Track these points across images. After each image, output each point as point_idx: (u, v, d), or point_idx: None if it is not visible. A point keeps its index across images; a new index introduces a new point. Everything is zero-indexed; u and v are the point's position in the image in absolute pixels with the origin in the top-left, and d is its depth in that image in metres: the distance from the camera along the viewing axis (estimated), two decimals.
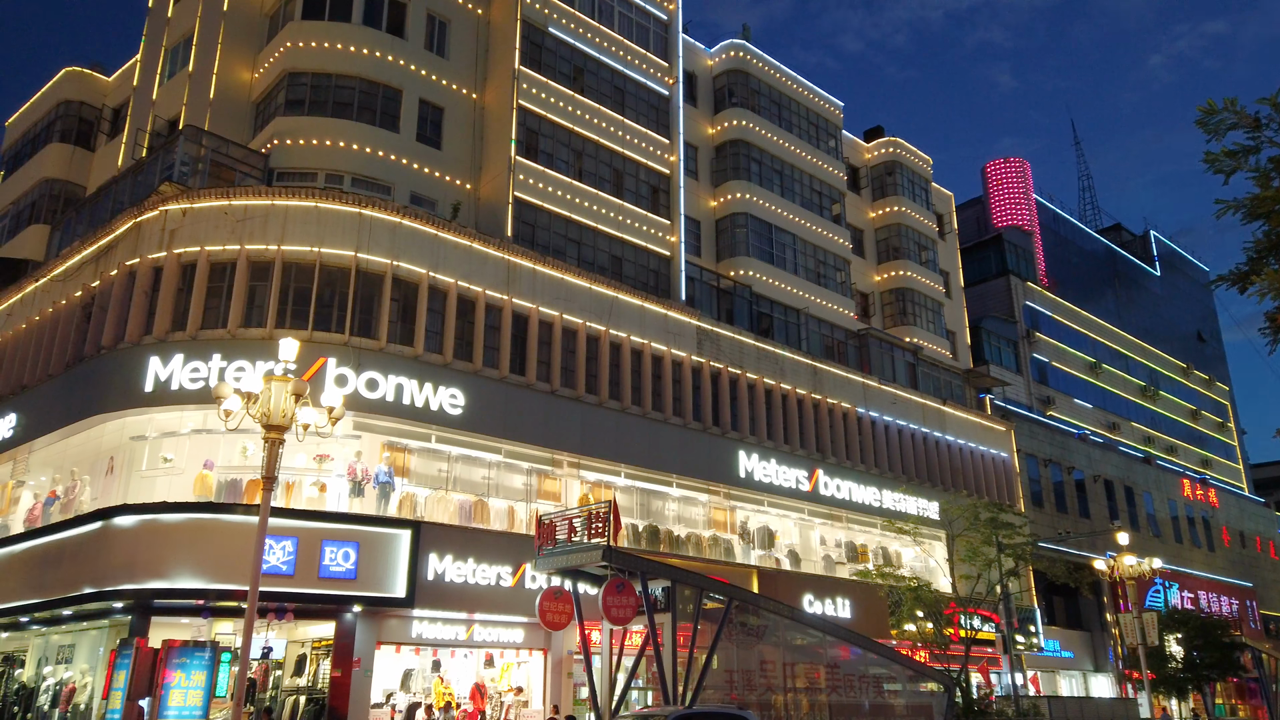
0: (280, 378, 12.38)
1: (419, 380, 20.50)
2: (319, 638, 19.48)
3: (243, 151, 23.35)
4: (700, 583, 17.21)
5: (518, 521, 21.84)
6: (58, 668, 21.03)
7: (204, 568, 17.42)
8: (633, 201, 28.29)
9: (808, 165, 35.26)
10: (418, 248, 21.39)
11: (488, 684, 20.59)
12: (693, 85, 33.39)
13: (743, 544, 26.79)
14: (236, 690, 11.53)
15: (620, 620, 16.12)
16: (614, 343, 24.88)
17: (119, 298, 20.24)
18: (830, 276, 34.87)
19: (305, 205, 20.56)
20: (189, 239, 20.20)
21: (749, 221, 32.44)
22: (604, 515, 16.29)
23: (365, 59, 24.65)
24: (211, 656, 16.18)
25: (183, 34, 27.60)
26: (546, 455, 23.00)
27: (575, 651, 20.96)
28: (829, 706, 18.15)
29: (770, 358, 29.23)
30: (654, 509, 25.30)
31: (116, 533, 17.82)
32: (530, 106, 26.22)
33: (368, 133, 24.20)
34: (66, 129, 31.71)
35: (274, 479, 12.33)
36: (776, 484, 27.98)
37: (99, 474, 20.44)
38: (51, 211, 30.32)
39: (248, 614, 11.73)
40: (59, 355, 21.64)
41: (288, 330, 19.11)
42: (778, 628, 18.69)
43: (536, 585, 20.43)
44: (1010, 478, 36.89)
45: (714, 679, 17.07)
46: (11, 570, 20.03)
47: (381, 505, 19.60)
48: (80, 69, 32.56)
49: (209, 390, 18.17)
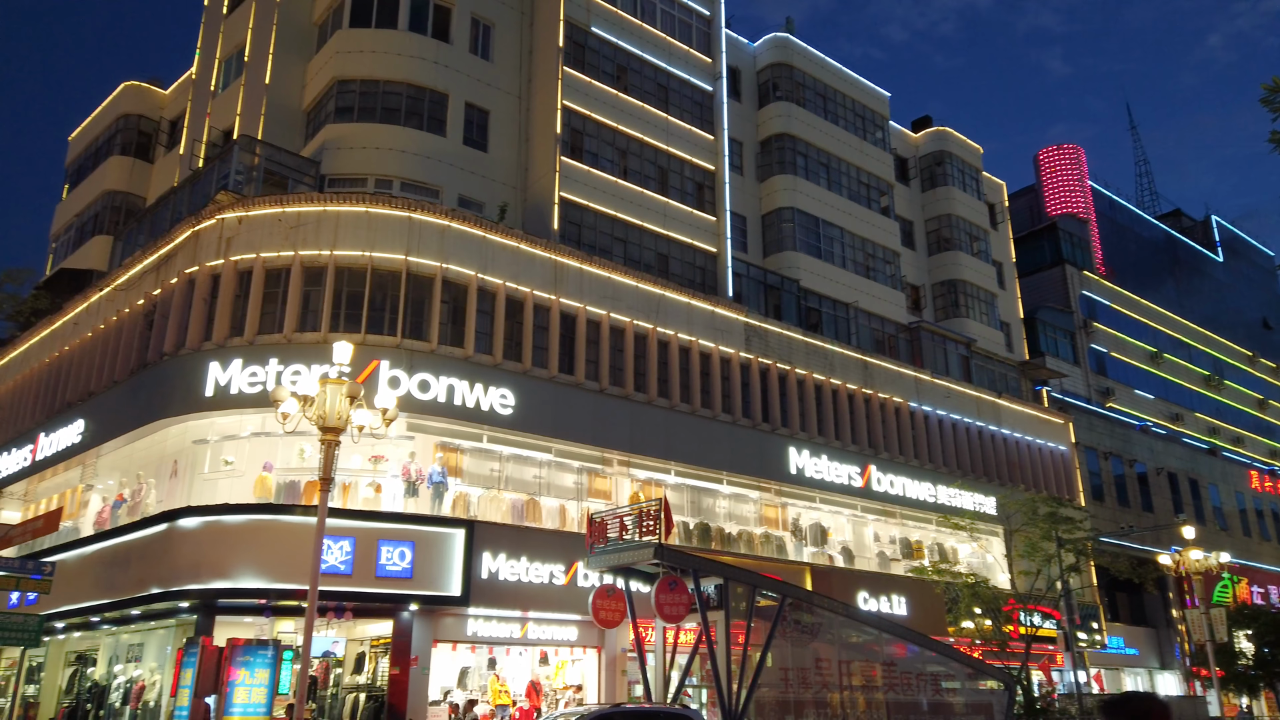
0: (335, 380, 12.61)
1: (470, 381, 20.72)
2: (377, 636, 19.79)
3: (295, 159, 23.82)
4: (753, 580, 17.14)
5: (569, 520, 21.96)
6: (128, 666, 21.66)
7: (265, 568, 17.80)
8: (678, 199, 28.27)
9: (855, 157, 34.87)
10: (466, 250, 21.61)
11: (543, 681, 20.74)
12: (736, 80, 33.23)
13: (795, 541, 26.62)
14: (299, 688, 11.77)
15: (673, 618, 16.12)
16: (661, 340, 24.88)
17: (179, 305, 20.78)
18: (880, 269, 34.45)
19: (356, 210, 20.90)
20: (245, 246, 20.66)
21: (796, 216, 32.19)
22: (655, 513, 16.30)
23: (412, 65, 24.97)
24: (274, 655, 16.52)
25: (236, 46, 28.26)
26: (596, 454, 23.09)
27: (629, 649, 21.01)
28: (886, 704, 17.94)
29: (819, 353, 28.98)
30: (705, 506, 25.25)
31: (181, 534, 18.30)
32: (574, 106, 26.34)
33: (415, 137, 24.52)
34: (126, 142, 32.65)
35: (331, 480, 12.56)
36: (828, 480, 27.74)
37: (163, 477, 21.00)
38: (114, 223, 31.25)
39: (308, 613, 11.97)
40: (123, 362, 22.27)
41: (341, 334, 19.45)
42: (832, 625, 18.53)
43: (589, 583, 20.53)
44: (1069, 471, 36.10)
45: (768, 676, 16.97)
46: (83, 571, 20.68)
47: (435, 505, 19.85)
48: (138, 83, 33.51)
49: (267, 394, 18.57)
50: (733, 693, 15.77)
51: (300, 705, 11.68)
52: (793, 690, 17.50)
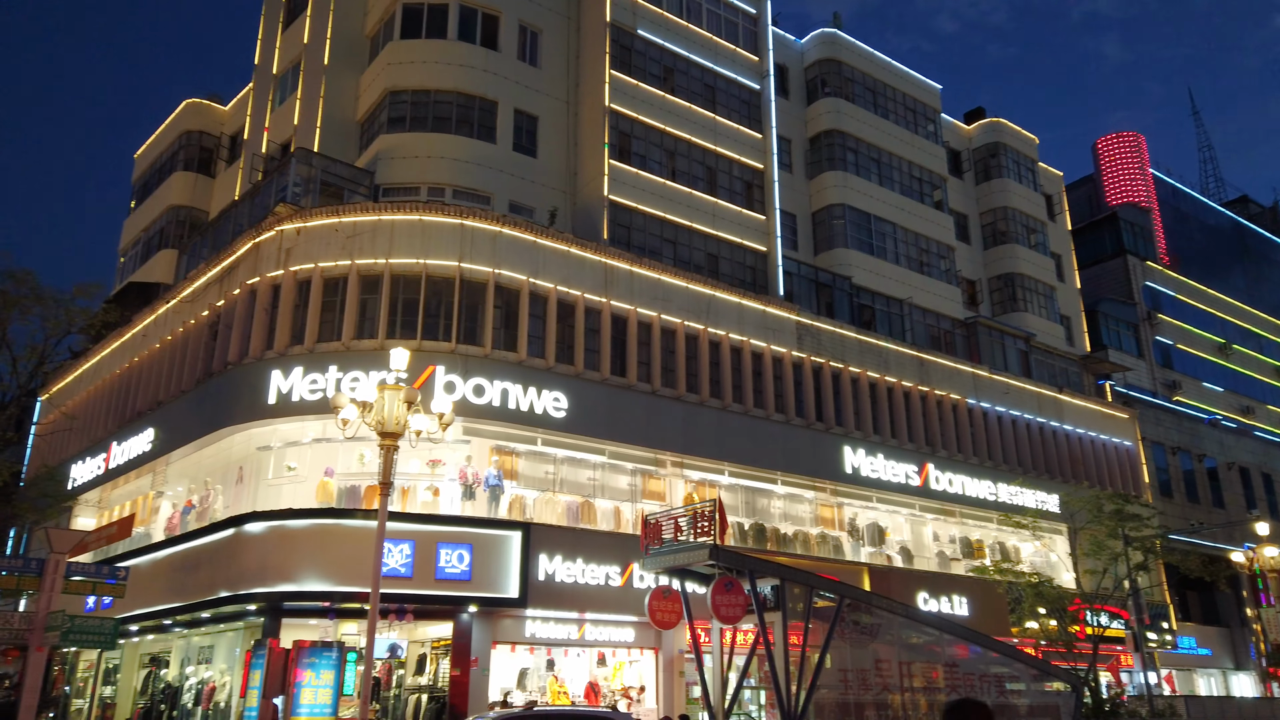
0: (393, 386, 12.85)
1: (523, 384, 20.91)
2: (438, 637, 20.07)
3: (350, 170, 24.30)
4: (810, 581, 17.00)
5: (624, 521, 22.03)
6: (199, 668, 22.27)
7: (328, 571, 18.18)
8: (727, 198, 28.19)
9: (906, 151, 34.42)
10: (518, 255, 21.82)
11: (601, 683, 20.83)
12: (784, 78, 33.04)
13: (852, 541, 26.35)
14: (363, 689, 12.01)
15: (729, 619, 16.07)
16: (713, 341, 24.83)
17: (242, 316, 21.33)
18: (934, 264, 33.95)
19: (410, 219, 21.25)
20: (304, 257, 21.14)
21: (847, 212, 31.88)
22: (709, 514, 16.27)
23: (461, 73, 25.30)
24: (338, 656, 16.86)
25: (291, 61, 28.93)
26: (650, 455, 23.13)
27: (686, 650, 21.01)
28: None
29: (873, 350, 28.65)
30: (759, 507, 25.13)
31: (247, 539, 18.78)
32: (621, 109, 26.44)
33: (466, 145, 24.84)
34: (189, 158, 33.61)
35: (390, 484, 12.80)
36: (885, 479, 27.42)
37: (230, 483, 21.56)
38: (179, 237, 32.18)
39: (370, 615, 12.21)
40: (190, 372, 22.92)
41: (398, 340, 19.77)
42: (892, 626, 18.28)
43: (645, 585, 20.56)
44: (1135, 467, 35.16)
45: (827, 678, 16.82)
46: (155, 576, 21.33)
47: (492, 508, 20.07)
48: (199, 100, 34.47)
49: (327, 401, 18.96)
50: (791, 694, 15.66)
51: (365, 706, 11.92)
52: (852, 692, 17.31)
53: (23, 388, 19.71)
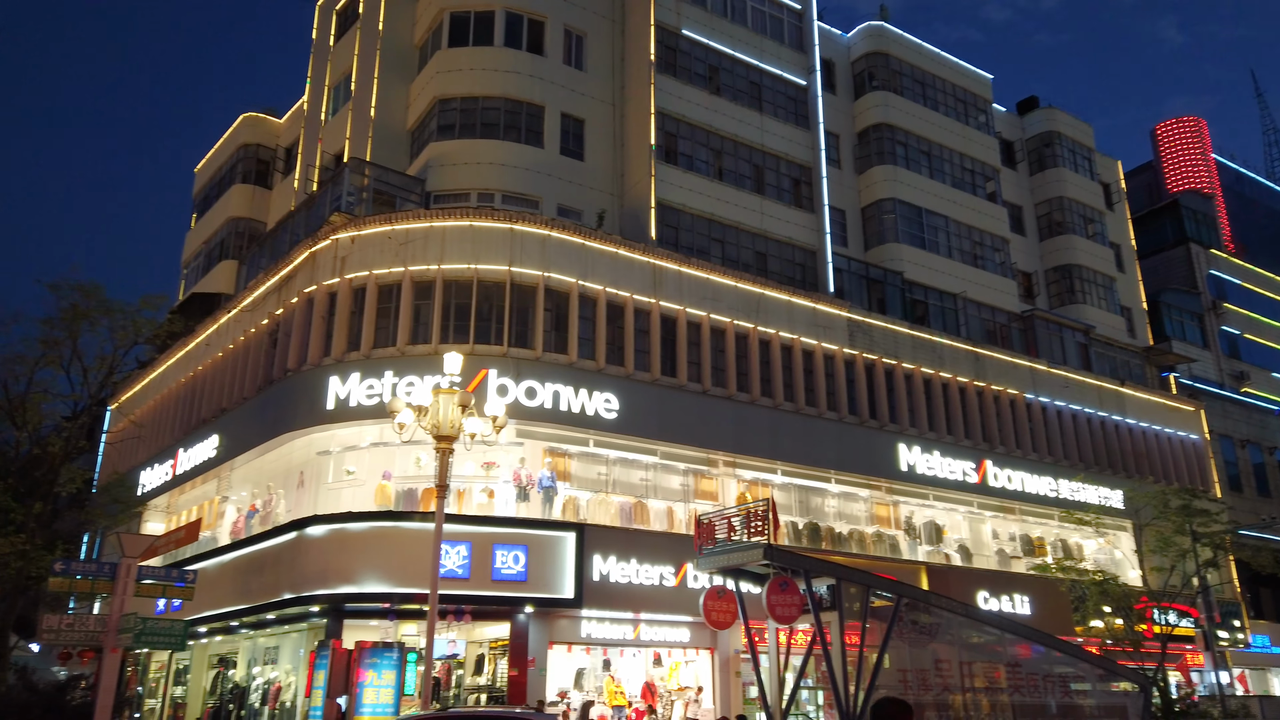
0: (447, 390, 13.05)
1: (574, 386, 21.05)
2: (495, 638, 20.29)
3: (402, 178, 24.70)
4: (866, 580, 16.85)
5: (677, 522, 22.05)
6: (265, 668, 22.83)
7: (388, 572, 18.50)
8: (775, 196, 28.05)
9: (957, 143, 33.90)
10: (566, 258, 21.98)
11: (657, 683, 20.88)
12: (831, 73, 32.77)
13: (908, 540, 26.03)
14: (424, 689, 12.22)
15: (785, 619, 16.00)
16: (763, 339, 24.73)
17: (300, 323, 21.81)
18: (988, 257, 33.38)
19: (461, 225, 21.53)
20: (358, 264, 21.54)
21: (897, 207, 31.51)
22: (763, 513, 16.21)
23: (508, 79, 25.56)
24: (399, 656, 17.16)
25: (343, 73, 29.51)
26: (702, 455, 23.12)
27: (742, 650, 20.95)
28: (1011, 707, 17.36)
29: (927, 346, 28.27)
30: (813, 506, 24.96)
31: (309, 542, 19.19)
32: (668, 110, 26.47)
33: (514, 150, 25.09)
34: (247, 170, 34.46)
35: (446, 487, 13.00)
36: (941, 476, 27.03)
37: (291, 488, 22.05)
38: (238, 248, 33.02)
39: (429, 616, 12.41)
40: (251, 379, 23.50)
41: (451, 345, 20.03)
42: (951, 625, 18.02)
43: (699, 585, 20.56)
44: (1202, 461, 34.16)
45: (886, 678, 16.65)
46: (221, 579, 21.91)
47: (546, 509, 20.24)
48: (255, 114, 35.33)
49: (384, 405, 19.31)
50: (849, 695, 15.53)
51: (425, 706, 12.12)
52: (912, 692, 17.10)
53: (93, 397, 20.37)
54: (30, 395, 19.12)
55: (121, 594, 13.95)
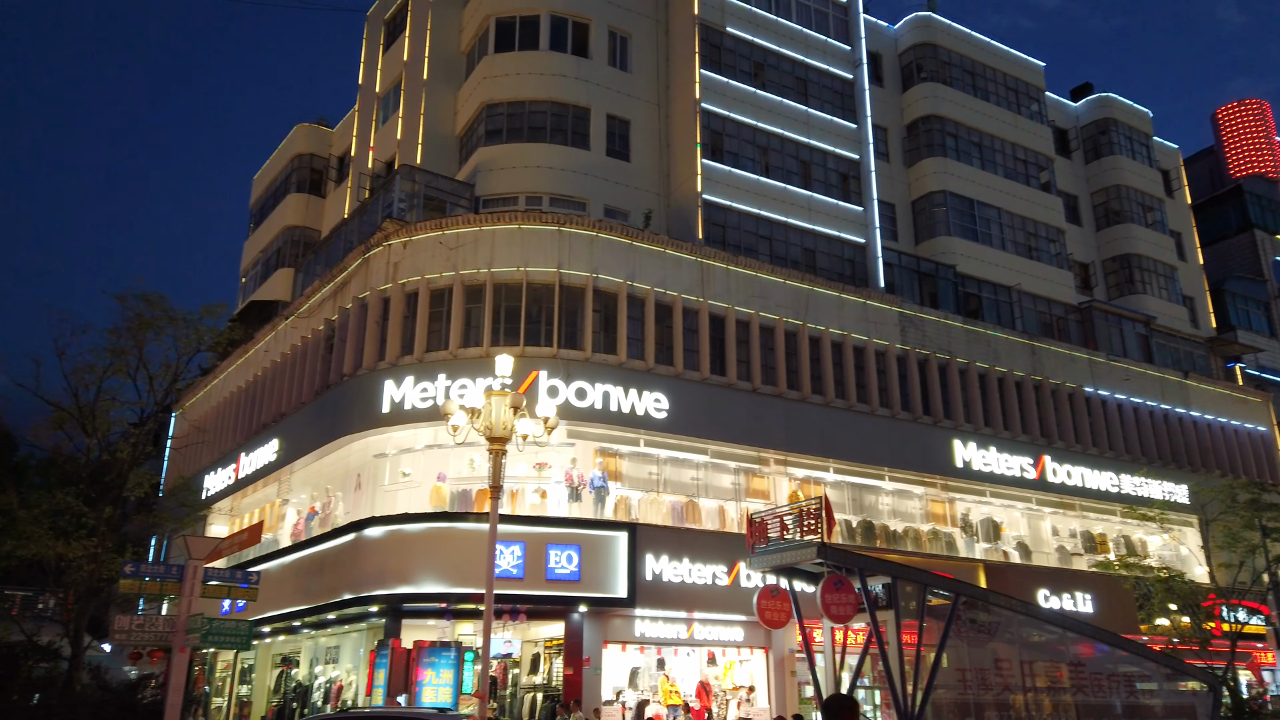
0: (499, 392, 13.19)
1: (624, 386, 21.13)
2: (550, 637, 20.47)
3: (451, 183, 25.04)
4: (923, 578, 16.65)
5: (729, 520, 22.01)
6: (327, 667, 23.30)
7: (444, 572, 18.77)
8: (822, 191, 27.84)
9: (1009, 133, 33.29)
10: (614, 259, 22.07)
11: (712, 682, 20.86)
12: (878, 66, 32.42)
13: (965, 537, 25.65)
14: (481, 687, 12.38)
15: (840, 618, 15.88)
16: (813, 336, 24.57)
17: (355, 329, 22.23)
18: (1043, 249, 32.73)
19: (509, 228, 21.75)
20: (410, 269, 21.88)
21: (948, 199, 31.05)
22: (816, 511, 16.12)
23: (554, 83, 25.74)
24: (456, 655, 17.40)
25: (392, 81, 30.00)
26: (753, 454, 23.05)
27: (797, 649, 20.84)
28: (1075, 707, 17.02)
29: (981, 340, 27.82)
30: (867, 504, 24.72)
31: (367, 543, 19.55)
32: (713, 108, 26.42)
33: (561, 153, 25.26)
34: (301, 180, 35.20)
35: (500, 488, 13.14)
36: (998, 473, 26.58)
37: (349, 490, 22.48)
38: (294, 255, 33.74)
39: (485, 615, 12.56)
40: (309, 384, 24.00)
41: (502, 347, 20.26)
42: (1011, 624, 17.73)
43: (752, 584, 20.50)
44: (1271, 453, 33.09)
45: (945, 678, 16.44)
46: (283, 580, 22.41)
47: (598, 509, 20.35)
48: (309, 124, 36.06)
49: (437, 408, 19.59)
50: (907, 694, 15.37)
51: (483, 705, 12.28)
52: (972, 692, 16.87)
53: (159, 404, 20.94)
54: (99, 403, 19.74)
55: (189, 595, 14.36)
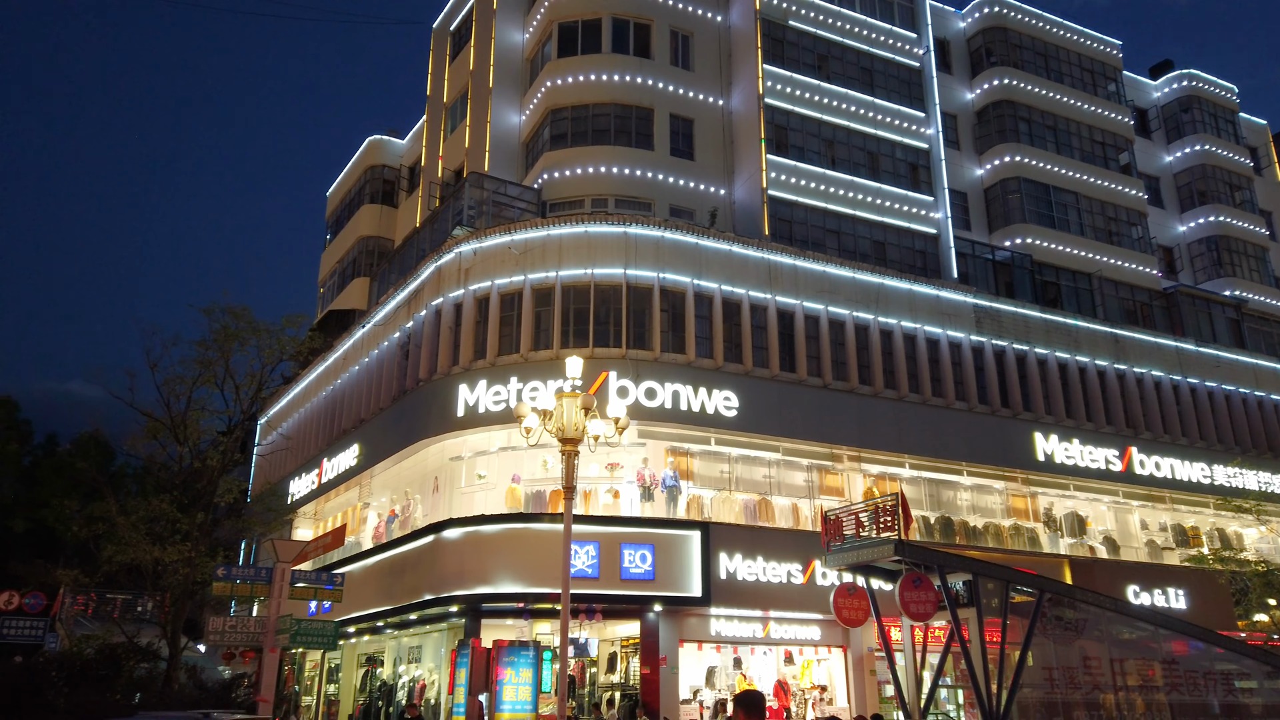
0: (570, 394, 13.33)
1: (693, 385, 21.13)
2: (626, 636, 20.58)
3: (519, 189, 25.40)
4: (1005, 575, 16.28)
5: (802, 518, 21.84)
6: (410, 666, 23.84)
7: (521, 572, 19.04)
8: (891, 182, 27.40)
9: (1085, 115, 32.27)
10: (680, 258, 22.09)
11: (789, 681, 20.72)
12: (945, 52, 31.77)
13: (1049, 532, 24.96)
14: (559, 686, 12.53)
15: (920, 616, 15.64)
16: (884, 330, 24.20)
17: (429, 335, 22.71)
18: (1124, 233, 31.64)
19: (576, 231, 21.96)
20: (481, 275, 22.26)
21: (1022, 185, 30.25)
22: (892, 508, 15.91)
23: (617, 85, 25.90)
24: (535, 654, 17.62)
25: (459, 91, 30.55)
26: (825, 450, 22.82)
27: (876, 648, 20.56)
28: (1169, 706, 16.44)
29: (1061, 330, 27.03)
30: (945, 499, 24.25)
31: (446, 544, 19.95)
32: (776, 103, 26.24)
33: (625, 154, 25.40)
34: (374, 191, 36.09)
35: (573, 488, 13.27)
36: (1082, 465, 25.80)
37: (427, 493, 22.97)
38: (369, 265, 34.61)
39: (561, 615, 12.71)
40: (386, 390, 24.60)
41: (571, 349, 20.47)
42: (1099, 621, 17.23)
43: (828, 582, 20.31)
44: None
45: (1031, 676, 16.06)
46: (366, 581, 23.01)
47: (670, 508, 20.39)
48: (380, 137, 36.95)
49: (510, 411, 19.89)
50: (992, 694, 15.06)
51: (562, 704, 12.43)
52: (1059, 691, 16.44)
53: (245, 413, 21.72)
54: (190, 412, 20.56)
55: (277, 597, 14.87)
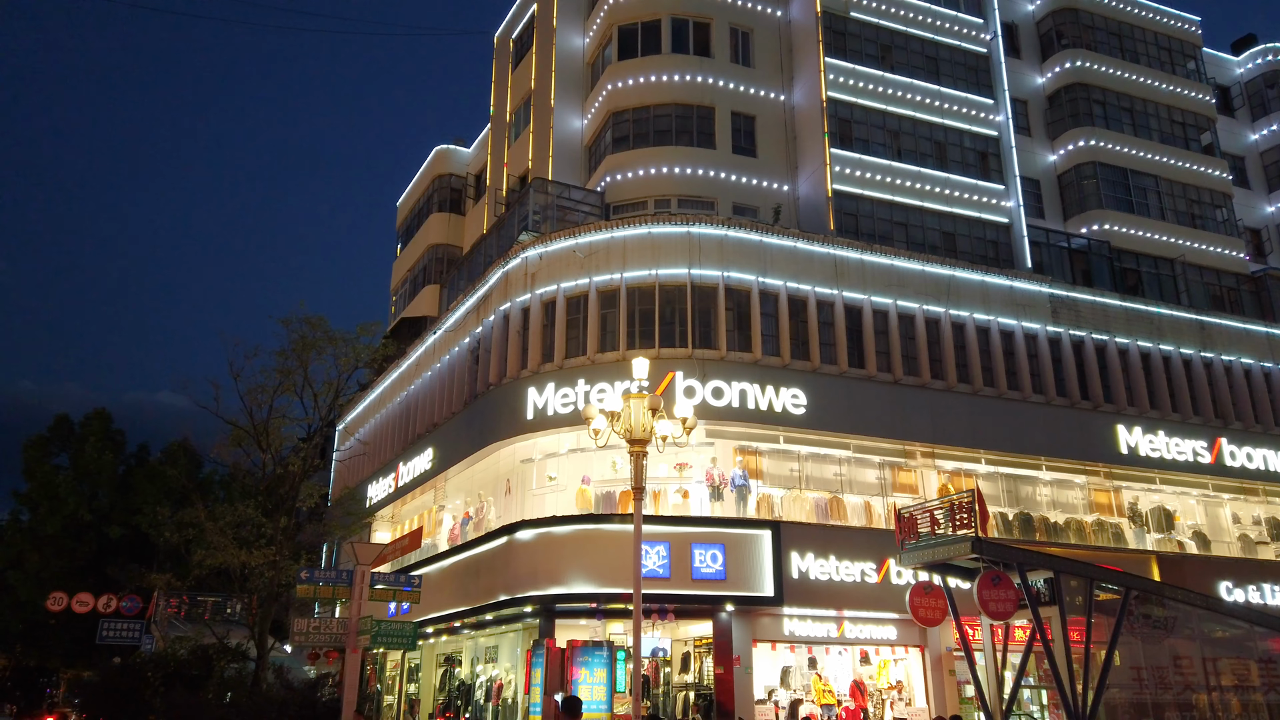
0: (637, 395, 13.39)
1: (760, 384, 21.02)
2: (699, 636, 20.58)
3: (582, 193, 25.60)
4: (1089, 572, 15.82)
5: (875, 516, 21.53)
6: (487, 666, 24.22)
7: (592, 573, 19.19)
8: (959, 172, 26.84)
9: (1163, 95, 31.12)
10: (745, 256, 21.99)
11: (866, 681, 20.46)
12: (1013, 36, 30.98)
13: (1134, 528, 24.13)
14: (633, 686, 12.60)
15: (999, 615, 15.28)
16: (956, 323, 23.72)
17: (498, 339, 23.05)
18: (1208, 216, 30.41)
19: (639, 233, 22.04)
20: (547, 279, 22.51)
21: (1098, 170, 29.32)
22: (968, 505, 15.58)
23: (678, 85, 25.91)
24: (609, 654, 17.74)
25: (522, 98, 30.94)
26: (897, 447, 22.46)
27: (954, 648, 20.17)
28: (1267, 707, 15.77)
29: (1143, 318, 26.12)
30: (1023, 495, 23.64)
31: (519, 546, 20.22)
32: (839, 96, 25.93)
33: (687, 154, 25.39)
34: (442, 199, 36.79)
35: (642, 489, 13.33)
36: (1168, 458, 24.89)
37: (499, 495, 23.31)
38: (439, 272, 35.30)
39: (634, 615, 12.78)
40: (458, 395, 25.05)
41: (637, 350, 20.55)
42: (1190, 619, 16.62)
43: (903, 581, 19.99)
44: None
45: (1118, 677, 15.57)
46: (443, 582, 23.47)
47: (740, 508, 20.31)
48: (447, 146, 37.66)
49: (578, 413, 20.06)
50: (1077, 694, 14.64)
51: (636, 703, 12.49)
52: (1149, 691, 15.91)
53: (324, 419, 22.34)
54: (272, 420, 21.24)
55: (358, 598, 15.30)
